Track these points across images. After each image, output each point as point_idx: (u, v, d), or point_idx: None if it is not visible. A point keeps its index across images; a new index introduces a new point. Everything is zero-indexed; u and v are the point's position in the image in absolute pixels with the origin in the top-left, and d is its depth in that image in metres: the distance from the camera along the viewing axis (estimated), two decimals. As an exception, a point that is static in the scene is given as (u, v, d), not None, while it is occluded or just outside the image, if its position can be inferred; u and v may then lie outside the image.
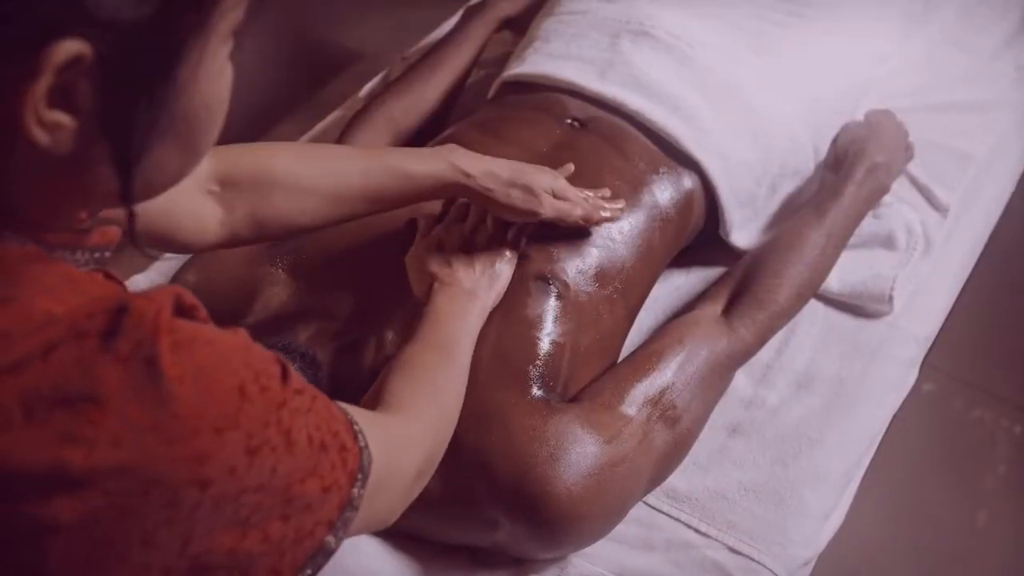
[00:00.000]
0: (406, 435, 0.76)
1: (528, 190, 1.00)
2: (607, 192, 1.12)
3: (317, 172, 0.92)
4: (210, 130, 0.56)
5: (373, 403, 0.80)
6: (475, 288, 0.99)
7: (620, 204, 1.12)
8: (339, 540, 0.61)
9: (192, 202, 0.85)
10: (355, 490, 0.62)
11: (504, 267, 1.03)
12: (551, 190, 1.02)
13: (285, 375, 0.57)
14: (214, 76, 0.53)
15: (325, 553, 0.60)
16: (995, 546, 1.65)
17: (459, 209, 1.06)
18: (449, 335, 0.92)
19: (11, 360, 0.47)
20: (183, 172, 0.57)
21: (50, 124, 0.47)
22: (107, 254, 0.58)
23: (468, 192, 0.99)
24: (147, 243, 0.84)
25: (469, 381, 0.93)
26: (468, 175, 0.97)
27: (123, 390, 0.48)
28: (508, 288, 1.03)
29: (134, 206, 0.53)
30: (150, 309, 0.50)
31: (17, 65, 0.45)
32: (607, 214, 1.09)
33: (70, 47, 0.45)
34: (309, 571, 0.60)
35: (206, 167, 0.86)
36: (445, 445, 0.84)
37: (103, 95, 0.47)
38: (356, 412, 0.67)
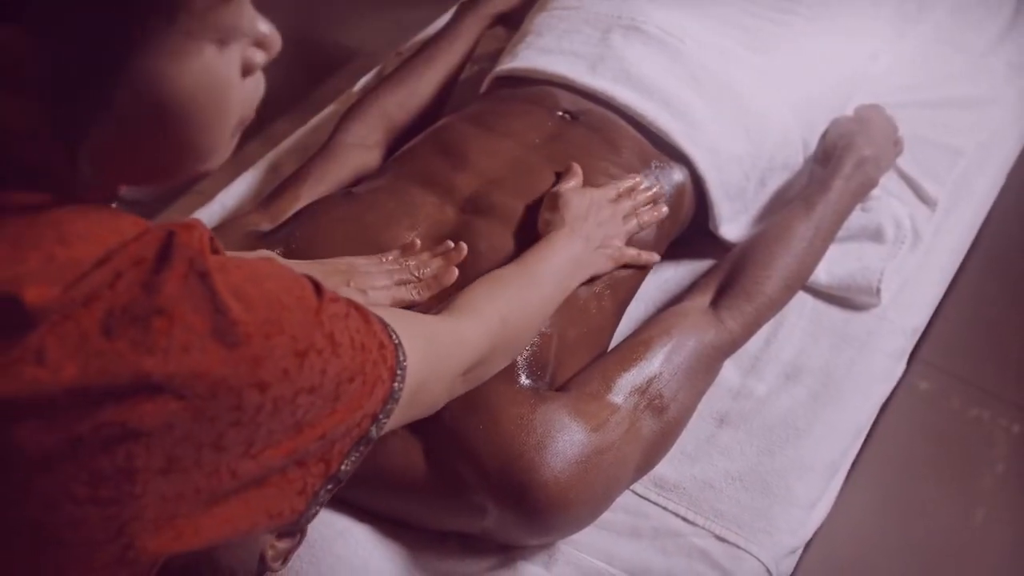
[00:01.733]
0: (456, 334, 0.81)
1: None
2: (449, 245, 1.06)
3: None
4: (204, 127, 0.57)
5: (445, 307, 0.86)
6: (587, 244, 1.06)
7: (462, 253, 1.05)
8: (380, 430, 0.66)
9: None
10: (396, 384, 0.67)
11: (621, 248, 1.11)
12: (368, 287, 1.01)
13: (319, 288, 0.62)
14: (195, 73, 0.54)
15: (367, 441, 0.65)
16: (990, 544, 1.65)
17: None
18: (546, 271, 0.99)
19: (84, 293, 0.51)
20: (184, 167, 0.59)
21: None
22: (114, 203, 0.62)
23: None
24: None
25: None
26: None
27: (185, 301, 0.53)
28: None
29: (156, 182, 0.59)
30: (194, 233, 0.55)
31: None
32: (415, 295, 1.04)
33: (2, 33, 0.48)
34: (354, 457, 0.65)
35: None
36: (506, 357, 0.90)
37: (48, 82, 0.51)
38: (390, 313, 0.72)
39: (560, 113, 1.24)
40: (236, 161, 2.13)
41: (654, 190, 1.17)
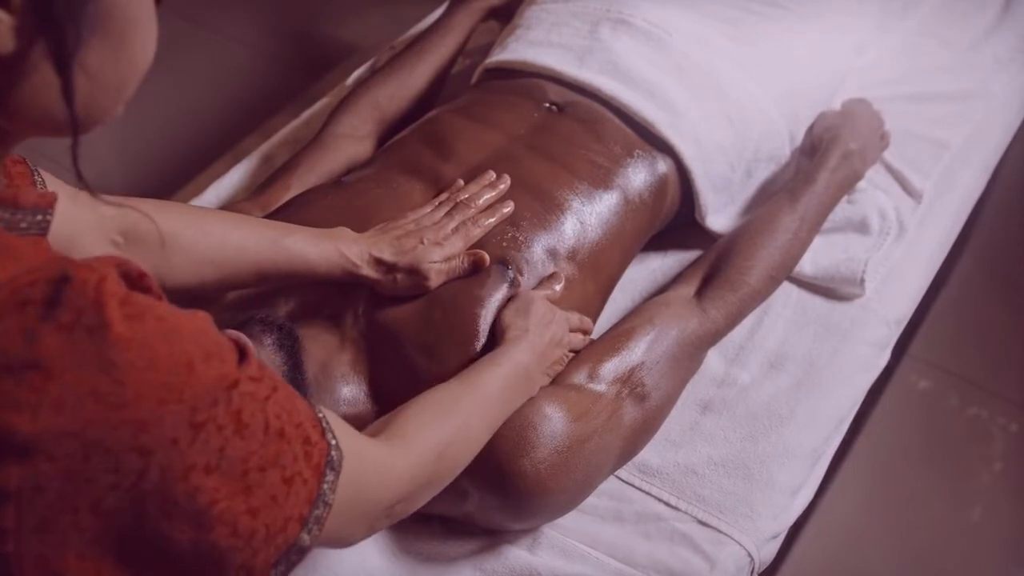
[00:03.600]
0: (389, 465, 0.75)
1: (412, 271, 1.01)
2: (491, 176, 1.13)
3: (216, 243, 0.93)
4: (139, 35, 0.55)
5: (378, 429, 0.80)
6: (540, 361, 0.99)
7: (505, 183, 1.13)
8: (314, 538, 0.62)
9: (94, 248, 0.85)
10: (324, 486, 0.62)
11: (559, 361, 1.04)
12: (441, 258, 1.03)
13: (243, 359, 0.58)
14: None
15: (299, 550, 0.61)
16: (988, 541, 1.66)
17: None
18: (492, 383, 0.91)
19: None
20: (121, 88, 0.57)
21: None
22: (49, 218, 0.60)
23: (357, 278, 1.01)
24: None
25: (439, 356, 0.96)
26: (355, 264, 1.00)
27: (65, 357, 0.49)
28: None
29: (78, 124, 0.54)
30: (92, 278, 0.51)
31: None
32: (488, 223, 1.09)
33: None
34: (282, 567, 0.60)
35: (113, 216, 0.87)
36: (434, 492, 0.83)
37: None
38: (335, 420, 0.68)
39: (547, 104, 1.25)
40: (231, 153, 2.16)
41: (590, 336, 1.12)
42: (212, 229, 0.94)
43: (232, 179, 1.44)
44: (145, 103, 0.60)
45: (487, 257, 1.05)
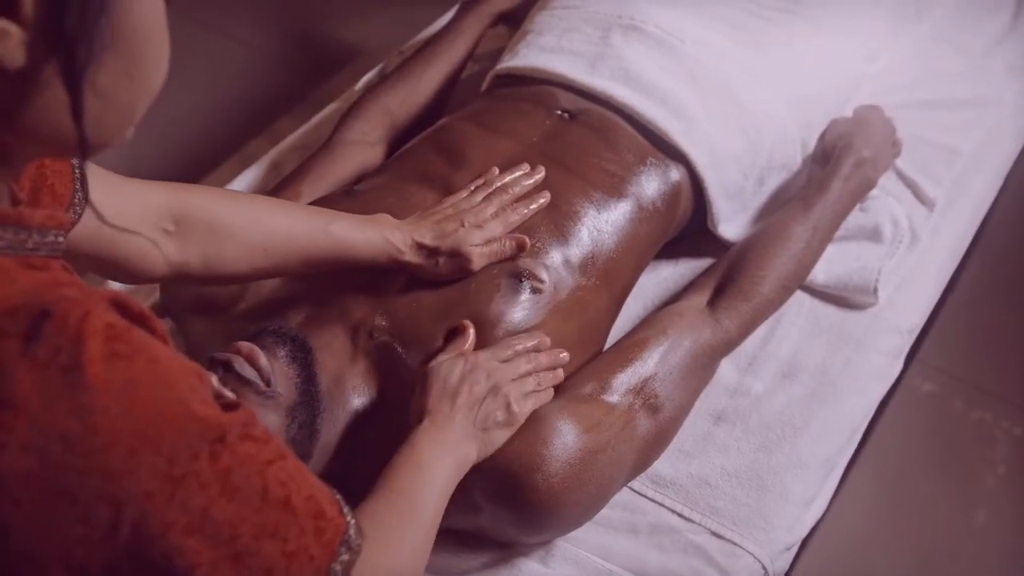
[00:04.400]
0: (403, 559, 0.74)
1: (454, 254, 1.02)
2: (525, 167, 1.14)
3: (269, 230, 0.94)
4: (151, 55, 0.54)
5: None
6: (467, 439, 0.90)
7: (541, 174, 1.14)
8: None
9: (142, 239, 0.85)
10: (336, 566, 0.59)
11: (500, 433, 0.93)
12: (481, 241, 1.04)
13: (248, 423, 0.55)
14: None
15: None
16: (996, 548, 1.65)
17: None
18: (421, 493, 0.82)
19: None
20: (132, 108, 0.55)
21: None
22: (60, 239, 0.58)
23: (400, 265, 1.01)
24: (93, 270, 0.85)
25: None
26: (400, 251, 1.00)
27: (36, 396, 0.47)
28: (481, 284, 1.04)
29: (87, 144, 0.52)
30: (75, 314, 0.49)
31: None
32: (525, 211, 1.09)
33: None
34: None
35: (164, 203, 0.87)
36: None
37: (45, 1, 0.48)
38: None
39: (559, 112, 1.24)
40: (239, 158, 2.15)
41: (561, 355, 1.02)
42: (263, 216, 0.94)
43: (240, 185, 1.44)
44: (149, 105, 0.58)
45: (528, 241, 1.06)
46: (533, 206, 1.11)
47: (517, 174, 1.14)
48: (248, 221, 0.93)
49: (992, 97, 1.52)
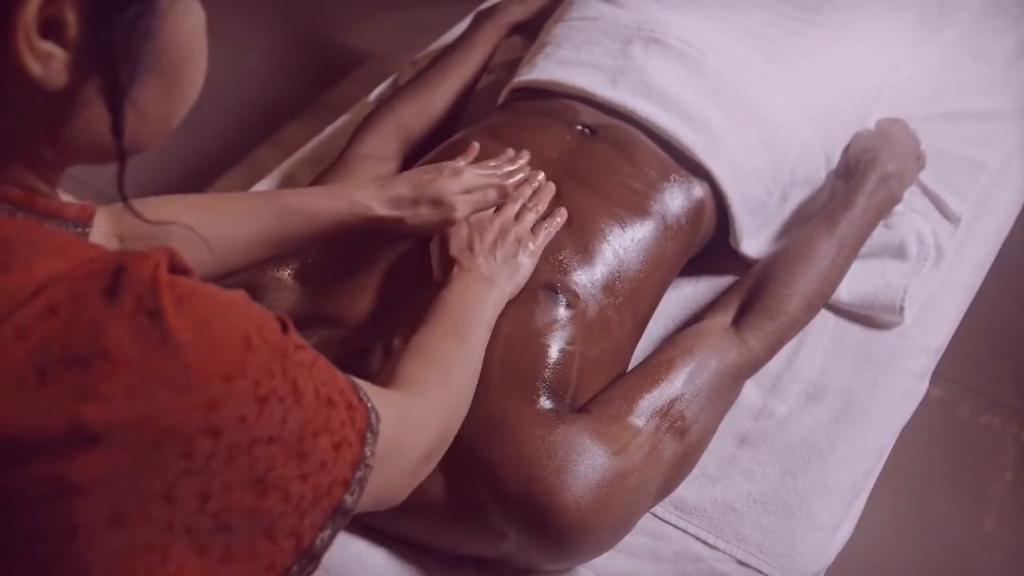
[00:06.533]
0: (417, 413, 0.76)
1: (436, 202, 1.02)
2: (510, 152, 1.14)
3: (210, 223, 0.92)
4: (191, 71, 0.58)
5: (386, 384, 0.80)
6: (494, 275, 0.99)
7: (525, 157, 1.14)
8: (356, 500, 0.62)
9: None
10: (367, 449, 0.63)
11: (525, 259, 1.03)
12: (460, 189, 1.04)
13: (285, 330, 0.59)
14: (185, 12, 0.56)
15: (343, 512, 0.61)
16: (1003, 554, 1.64)
17: (487, 197, 1.08)
18: (464, 321, 0.92)
19: (17, 325, 0.48)
20: (169, 121, 0.59)
21: (42, 54, 0.49)
22: (88, 230, 0.60)
23: (376, 223, 1.01)
24: None
25: (477, 389, 0.92)
26: (370, 208, 0.99)
27: (131, 344, 0.49)
28: (516, 297, 1.02)
29: (124, 156, 0.55)
30: (147, 265, 0.51)
31: None
32: (519, 175, 1.11)
33: None
34: (329, 531, 0.61)
35: (107, 223, 0.87)
36: (456, 429, 0.85)
37: (90, 25, 0.50)
38: (362, 383, 0.68)
39: (579, 127, 1.22)
40: (249, 168, 2.13)
41: (539, 176, 1.12)
42: (203, 214, 0.93)
43: (252, 198, 1.41)
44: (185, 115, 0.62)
45: (511, 187, 1.08)
46: (557, 221, 1.09)
47: (514, 160, 1.14)
48: (188, 220, 0.91)
49: (1016, 109, 1.50)
